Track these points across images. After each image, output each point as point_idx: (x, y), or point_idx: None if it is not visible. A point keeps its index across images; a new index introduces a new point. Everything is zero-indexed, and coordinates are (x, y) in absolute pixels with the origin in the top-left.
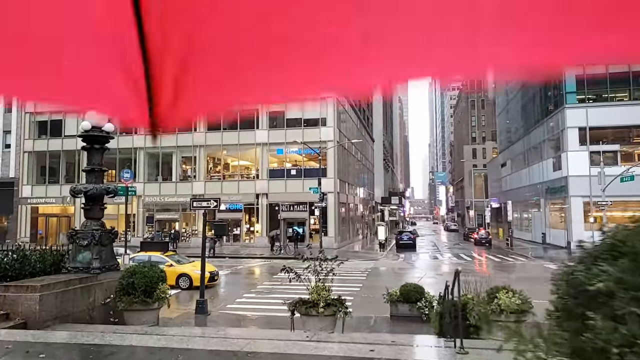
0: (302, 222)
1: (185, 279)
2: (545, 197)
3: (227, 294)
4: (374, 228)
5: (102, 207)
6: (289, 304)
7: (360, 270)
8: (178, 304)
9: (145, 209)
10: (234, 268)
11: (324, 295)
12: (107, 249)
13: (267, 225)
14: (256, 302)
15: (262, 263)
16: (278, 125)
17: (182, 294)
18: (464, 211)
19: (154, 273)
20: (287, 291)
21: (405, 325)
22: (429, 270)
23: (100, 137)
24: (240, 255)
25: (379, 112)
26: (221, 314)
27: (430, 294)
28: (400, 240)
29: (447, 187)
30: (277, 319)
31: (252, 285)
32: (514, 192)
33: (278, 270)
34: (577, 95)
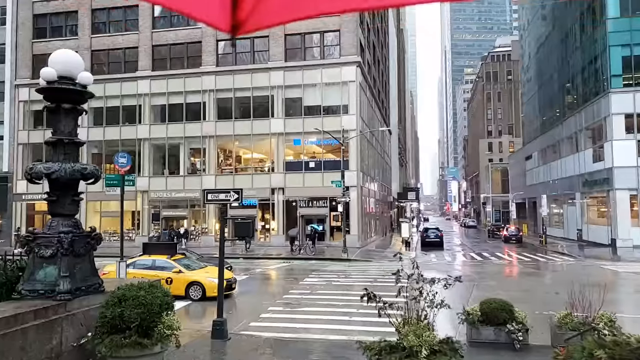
0: (322, 219)
1: (197, 287)
2: (582, 191)
3: (248, 306)
4: (390, 225)
5: (76, 199)
6: (369, 349)
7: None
8: (189, 320)
9: (150, 206)
10: (251, 271)
11: (427, 337)
12: (83, 262)
13: (284, 222)
14: (285, 318)
15: (281, 265)
16: (295, 113)
17: (194, 306)
18: (480, 207)
19: (155, 298)
20: (320, 302)
21: (494, 355)
22: (478, 276)
23: (71, 91)
24: (255, 256)
25: (394, 103)
26: (244, 336)
27: (521, 313)
28: (426, 238)
29: (459, 183)
30: (318, 345)
31: (277, 295)
32: (541, 186)
33: (301, 272)
34: (623, 79)
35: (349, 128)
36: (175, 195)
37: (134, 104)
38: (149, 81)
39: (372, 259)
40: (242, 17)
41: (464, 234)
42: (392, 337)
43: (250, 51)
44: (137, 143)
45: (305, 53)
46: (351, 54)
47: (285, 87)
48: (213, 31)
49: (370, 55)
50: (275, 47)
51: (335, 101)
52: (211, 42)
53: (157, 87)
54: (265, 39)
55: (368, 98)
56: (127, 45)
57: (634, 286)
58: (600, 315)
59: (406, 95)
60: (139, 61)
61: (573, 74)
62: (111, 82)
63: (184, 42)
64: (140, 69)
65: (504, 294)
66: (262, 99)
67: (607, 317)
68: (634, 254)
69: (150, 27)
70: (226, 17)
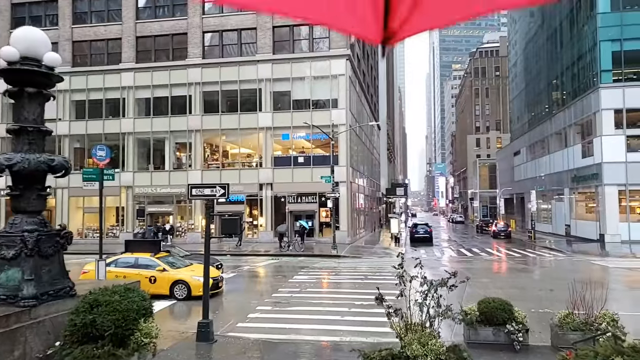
0: (311, 214)
1: (182, 286)
2: (571, 186)
3: (236, 306)
4: (379, 221)
5: (43, 194)
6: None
7: (388, 271)
8: (173, 321)
9: (135, 201)
10: (239, 269)
11: (433, 345)
12: (51, 263)
13: (272, 218)
14: (274, 318)
15: (269, 261)
16: (283, 107)
17: (178, 306)
18: (467, 202)
19: (132, 303)
20: (311, 300)
21: (494, 356)
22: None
23: (36, 73)
24: (243, 252)
25: (383, 98)
26: (231, 338)
27: (521, 312)
28: (415, 234)
29: (446, 179)
30: (309, 348)
31: (265, 293)
32: (530, 181)
33: (290, 270)
34: (612, 74)
35: (338, 122)
36: (161, 190)
37: (118, 97)
38: (133, 73)
39: (362, 255)
40: (395, 27)
41: (452, 230)
42: (386, 338)
43: (237, 43)
44: (121, 137)
45: (294, 45)
46: (341, 47)
47: (273, 81)
48: (199, 22)
49: (360, 49)
50: (263, 39)
51: (325, 95)
52: (197, 33)
53: (141, 80)
54: (253, 31)
55: (357, 92)
56: (110, 36)
57: (627, 283)
58: (602, 315)
59: (394, 91)
60: (123, 53)
61: (562, 70)
62: (93, 74)
63: (169, 34)
64: (124, 61)
65: (498, 291)
66: (249, 92)
67: (610, 317)
68: (622, 249)
69: (133, 17)
70: (379, 29)
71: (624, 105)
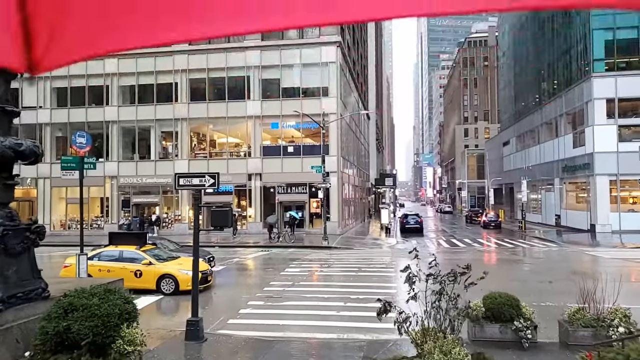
0: (301, 205)
1: (169, 281)
2: (562, 176)
3: (226, 300)
4: (368, 211)
5: (10, 183)
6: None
7: (382, 263)
8: (160, 317)
9: (120, 192)
10: (228, 261)
11: (457, 355)
12: (20, 262)
13: (262, 209)
14: (267, 314)
15: (259, 253)
16: (272, 95)
17: (166, 301)
18: (455, 192)
19: (113, 306)
20: (304, 295)
21: (502, 355)
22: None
23: None
24: (231, 244)
25: (372, 87)
26: (222, 336)
27: (529, 308)
28: (406, 224)
29: (434, 169)
30: (305, 347)
31: (256, 287)
32: (519, 171)
33: (281, 262)
34: (605, 63)
35: (329, 111)
36: (146, 181)
37: (101, 84)
38: (117, 60)
39: (354, 247)
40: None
41: (441, 220)
42: (385, 335)
43: None
44: (105, 126)
45: (283, 32)
46: (331, 34)
47: (262, 68)
48: None
49: (350, 36)
50: None
51: (315, 83)
52: None
53: (125, 67)
54: None
55: (348, 80)
56: None
57: (625, 274)
58: (614, 310)
59: (383, 81)
60: None
61: (553, 59)
62: None
63: None
64: None
65: (497, 284)
66: (237, 80)
67: (622, 313)
68: (614, 239)
69: None
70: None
71: (616, 94)
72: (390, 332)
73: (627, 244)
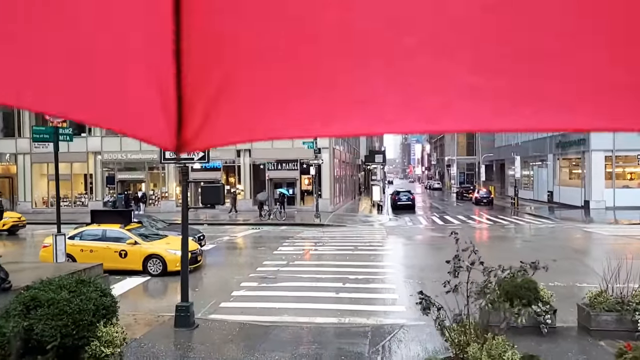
0: (292, 182)
1: (156, 261)
2: (555, 152)
3: (217, 282)
4: (358, 189)
5: None
6: None
7: (378, 241)
8: (147, 300)
9: (104, 168)
10: (218, 240)
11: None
12: None
13: (251, 186)
14: (262, 296)
15: (250, 231)
16: None
17: (153, 283)
18: (444, 169)
19: (86, 301)
20: (300, 275)
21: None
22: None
23: None
24: (220, 222)
25: None
26: (214, 322)
27: (547, 291)
28: (398, 201)
29: (422, 146)
30: (306, 332)
31: (249, 267)
32: (511, 148)
33: (273, 240)
34: None
35: None
36: (131, 156)
37: None
38: None
39: (346, 224)
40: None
41: (431, 196)
42: (389, 319)
43: None
44: None
45: None
46: None
47: None
48: None
49: None
50: None
51: None
52: None
53: None
54: None
55: None
56: None
57: (629, 251)
58: (638, 293)
59: None
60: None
61: None
62: None
63: None
64: None
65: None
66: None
67: None
68: (608, 215)
69: None
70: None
71: None
72: (395, 316)
73: (623, 220)
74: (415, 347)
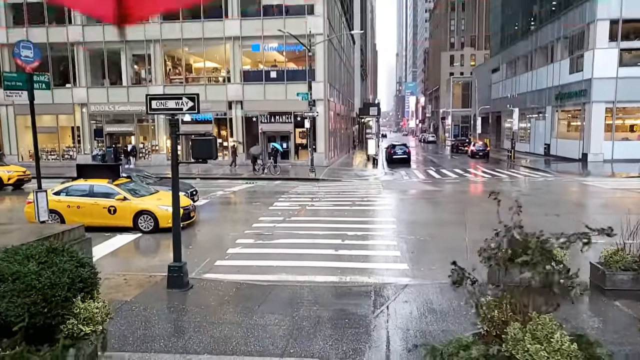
0: (286, 135)
1: (147, 217)
2: (554, 104)
3: (212, 239)
4: (353, 142)
5: None
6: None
7: (375, 196)
8: (138, 259)
9: (91, 121)
10: (211, 195)
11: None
12: None
13: (244, 140)
14: (259, 254)
15: (243, 186)
16: (252, 13)
17: (144, 240)
18: (439, 122)
19: (60, 273)
20: (297, 231)
21: None
22: (463, 196)
23: None
24: (213, 176)
25: (357, 10)
26: (210, 282)
27: (559, 249)
28: (393, 155)
29: (417, 98)
30: (306, 292)
31: (245, 223)
32: (508, 99)
33: (268, 195)
34: None
35: (315, 31)
36: (119, 108)
37: None
38: None
39: (342, 179)
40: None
41: (426, 150)
42: (392, 278)
43: None
44: (70, 48)
45: None
46: None
47: None
48: None
49: None
50: None
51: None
52: None
53: None
54: None
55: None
56: None
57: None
58: None
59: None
60: None
61: None
62: None
63: None
64: None
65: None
66: None
67: None
68: (606, 168)
69: None
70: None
71: (620, 15)
72: (398, 274)
73: (621, 173)
74: (421, 308)
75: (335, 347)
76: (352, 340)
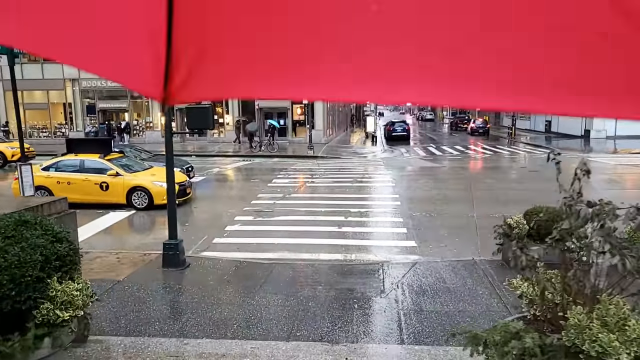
0: (283, 112)
1: (141, 194)
2: None
3: (209, 216)
4: (350, 120)
5: None
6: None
7: (376, 173)
8: (132, 236)
9: (83, 97)
10: (207, 171)
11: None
12: None
13: (240, 116)
14: (259, 231)
15: (241, 163)
16: None
17: (138, 217)
18: None
19: (31, 250)
20: (298, 208)
21: None
22: (467, 173)
23: None
24: (209, 153)
25: None
26: (207, 260)
27: None
28: (392, 132)
29: None
30: (311, 271)
31: (243, 200)
32: None
33: (266, 172)
34: None
35: None
36: (112, 84)
37: None
38: None
39: (341, 156)
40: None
41: (424, 127)
42: (397, 255)
43: None
44: None
45: None
46: None
47: None
48: None
49: None
50: None
51: None
52: None
53: None
54: None
55: None
56: None
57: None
58: None
59: None
60: None
61: None
62: None
63: None
64: None
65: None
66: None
67: None
68: (608, 145)
69: None
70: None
71: None
72: (404, 252)
73: (625, 149)
74: (434, 287)
75: (345, 329)
76: (362, 322)
